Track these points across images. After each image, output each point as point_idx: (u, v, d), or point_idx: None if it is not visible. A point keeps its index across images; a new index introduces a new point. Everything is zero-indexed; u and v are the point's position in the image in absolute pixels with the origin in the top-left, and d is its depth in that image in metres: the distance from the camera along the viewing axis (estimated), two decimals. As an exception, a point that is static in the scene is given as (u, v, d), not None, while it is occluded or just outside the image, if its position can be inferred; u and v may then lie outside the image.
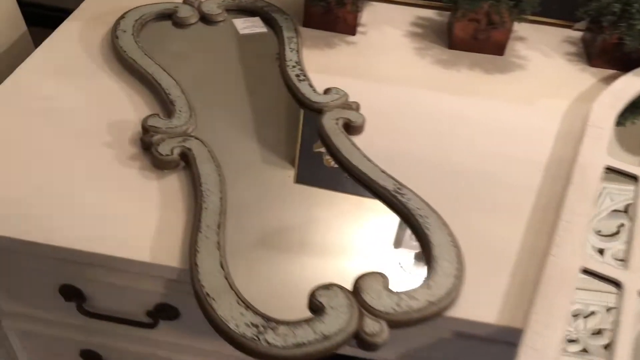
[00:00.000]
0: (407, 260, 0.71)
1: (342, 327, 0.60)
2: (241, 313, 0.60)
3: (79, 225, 0.69)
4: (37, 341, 0.87)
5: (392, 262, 0.70)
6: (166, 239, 0.69)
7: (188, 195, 0.74)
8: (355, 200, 0.78)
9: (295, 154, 0.84)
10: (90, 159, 0.78)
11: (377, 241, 0.73)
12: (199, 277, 0.63)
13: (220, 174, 0.75)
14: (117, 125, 0.84)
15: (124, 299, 0.75)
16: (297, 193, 0.78)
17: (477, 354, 0.73)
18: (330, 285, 0.64)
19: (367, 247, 0.72)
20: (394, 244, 0.74)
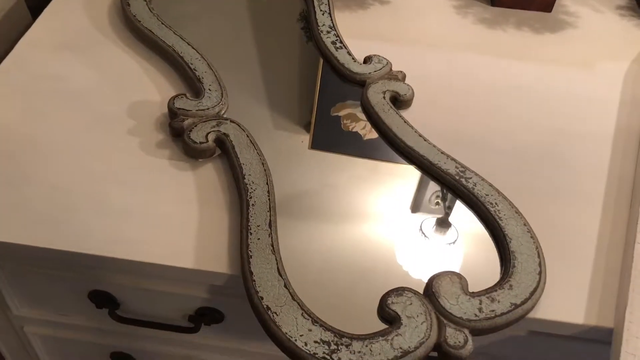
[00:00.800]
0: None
1: (422, 339, 0.53)
2: (309, 329, 0.53)
3: (108, 229, 0.61)
4: (64, 345, 0.81)
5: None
6: (209, 241, 0.61)
7: (228, 188, 0.66)
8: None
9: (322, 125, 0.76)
10: (113, 150, 0.69)
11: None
12: (256, 288, 0.55)
13: (264, 162, 0.67)
14: (139, 108, 0.74)
15: (161, 304, 0.68)
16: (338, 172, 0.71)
17: (556, 350, 0.67)
18: (403, 290, 0.57)
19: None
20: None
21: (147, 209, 0.63)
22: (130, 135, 0.71)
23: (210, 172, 0.68)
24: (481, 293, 0.58)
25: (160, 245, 0.60)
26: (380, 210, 0.67)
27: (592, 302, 0.60)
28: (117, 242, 0.60)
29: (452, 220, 0.68)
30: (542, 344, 0.66)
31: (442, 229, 0.67)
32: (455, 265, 0.63)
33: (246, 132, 0.70)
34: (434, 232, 0.66)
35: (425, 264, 0.63)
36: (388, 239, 0.65)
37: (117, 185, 0.65)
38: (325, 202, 0.67)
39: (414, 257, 0.63)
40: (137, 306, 0.69)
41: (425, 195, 0.70)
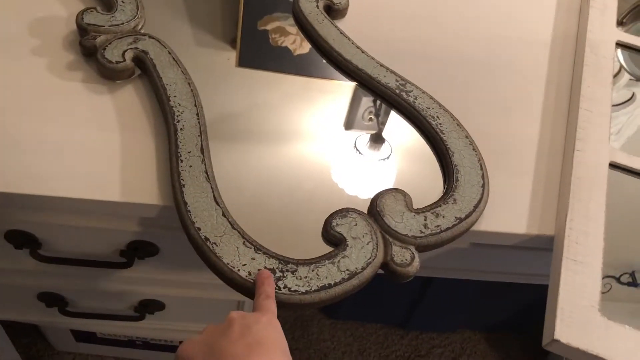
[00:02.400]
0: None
1: (369, 259, 0.52)
2: (252, 258, 0.50)
3: (19, 164, 0.54)
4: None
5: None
6: (136, 171, 0.56)
7: (153, 112, 0.60)
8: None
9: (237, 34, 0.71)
10: (18, 76, 0.61)
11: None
12: (192, 219, 0.51)
13: (190, 82, 0.61)
14: (43, 26, 0.65)
15: (89, 240, 0.63)
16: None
17: (499, 258, 0.68)
18: (347, 211, 0.54)
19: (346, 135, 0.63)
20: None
21: (62, 139, 0.57)
22: (35, 57, 0.62)
23: (131, 94, 0.61)
24: (426, 209, 0.56)
25: (81, 178, 0.54)
26: (313, 129, 0.64)
27: (534, 212, 0.60)
28: (31, 177, 0.54)
29: (385, 135, 0.65)
30: (485, 254, 0.67)
31: (376, 144, 0.65)
32: (390, 181, 0.61)
33: (167, 48, 0.63)
34: (368, 149, 0.64)
35: (361, 180, 0.61)
36: (323, 158, 0.62)
37: (26, 115, 0.58)
38: (256, 122, 0.63)
39: (349, 175, 0.61)
40: (61, 244, 0.64)
41: (358, 112, 0.67)
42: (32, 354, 1.15)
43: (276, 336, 0.43)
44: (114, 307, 0.77)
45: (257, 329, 0.42)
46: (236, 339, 0.41)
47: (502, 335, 1.33)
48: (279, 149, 0.62)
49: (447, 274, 0.74)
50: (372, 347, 1.26)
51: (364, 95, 0.67)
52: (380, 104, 0.67)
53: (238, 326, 0.42)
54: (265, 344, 0.41)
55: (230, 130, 0.62)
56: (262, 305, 0.46)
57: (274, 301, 0.47)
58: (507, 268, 0.71)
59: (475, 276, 0.74)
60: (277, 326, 0.44)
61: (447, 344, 1.29)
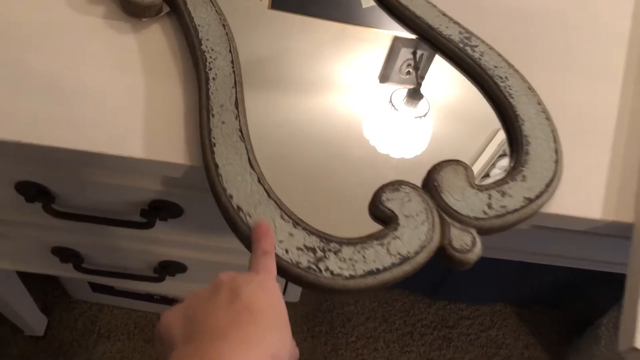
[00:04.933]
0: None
1: (423, 242, 0.45)
2: (290, 233, 0.44)
3: (28, 109, 0.48)
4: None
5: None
6: (161, 124, 0.49)
7: (182, 56, 0.53)
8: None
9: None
10: (29, 7, 0.53)
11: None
12: (224, 184, 0.45)
13: (225, 23, 0.53)
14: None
15: (106, 196, 0.57)
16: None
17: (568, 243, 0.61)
18: (400, 185, 0.47)
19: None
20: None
21: (77, 82, 0.50)
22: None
23: (157, 35, 0.54)
24: (490, 186, 0.49)
25: (97, 128, 0.48)
26: (346, 79, 0.58)
27: (611, 194, 0.52)
28: (40, 125, 0.47)
29: (424, 91, 0.58)
30: (546, 236, 0.59)
31: (413, 100, 0.58)
32: (425, 142, 0.54)
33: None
34: (405, 104, 0.58)
35: (394, 139, 0.55)
36: (355, 111, 0.56)
37: (37, 53, 0.51)
38: (286, 70, 0.57)
39: (382, 132, 0.55)
40: (76, 199, 0.58)
41: (396, 64, 0.60)
42: (48, 301, 1.12)
43: (270, 300, 0.36)
44: (131, 266, 0.72)
45: (247, 292, 0.35)
46: (222, 305, 0.34)
47: (534, 309, 1.27)
48: (307, 99, 0.56)
49: (497, 254, 0.67)
50: (397, 314, 1.21)
51: (402, 46, 0.59)
52: (420, 57, 0.59)
53: (226, 290, 0.35)
54: (255, 311, 0.34)
55: (259, 76, 0.55)
56: (258, 263, 0.39)
57: (273, 258, 0.40)
58: (569, 252, 0.64)
59: (529, 259, 0.67)
60: (274, 289, 0.37)
61: (476, 315, 1.24)
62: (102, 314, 1.13)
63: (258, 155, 0.47)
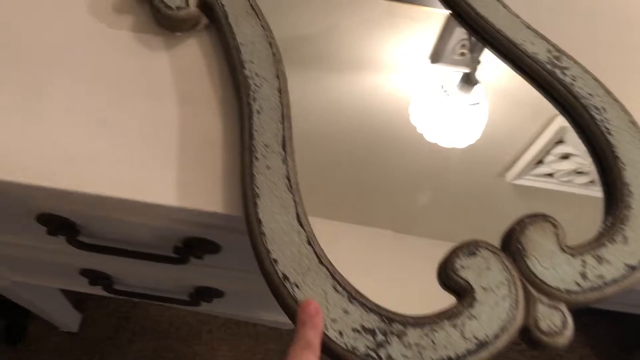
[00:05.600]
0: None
1: (504, 322, 0.37)
2: (344, 310, 0.37)
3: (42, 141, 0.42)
4: (22, 263, 0.65)
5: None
6: (197, 165, 0.42)
7: (222, 80, 0.45)
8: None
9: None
10: (48, 16, 0.47)
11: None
12: (267, 245, 0.38)
13: (271, 41, 0.45)
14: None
15: (136, 233, 0.51)
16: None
17: None
18: (476, 247, 0.40)
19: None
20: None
21: (99, 108, 0.43)
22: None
23: (194, 52, 0.47)
24: (584, 249, 0.41)
25: (123, 168, 0.41)
26: (394, 59, 0.53)
27: None
28: (59, 163, 0.41)
29: (479, 76, 0.52)
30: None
31: (466, 86, 0.53)
32: (478, 132, 0.50)
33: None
34: (458, 90, 0.53)
35: (444, 127, 0.52)
36: (403, 95, 0.52)
37: (54, 71, 0.44)
38: (330, 48, 0.54)
39: (430, 119, 0.51)
40: (103, 231, 0.52)
41: (448, 44, 0.54)
42: (81, 297, 1.09)
43: None
44: (165, 289, 0.67)
45: None
46: None
47: (591, 319, 1.18)
48: (352, 79, 0.52)
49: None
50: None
51: (457, 26, 0.52)
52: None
53: None
54: None
55: (300, 55, 0.52)
56: (297, 358, 0.33)
57: (316, 354, 0.34)
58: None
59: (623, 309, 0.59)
60: None
61: (527, 324, 1.16)
62: (136, 310, 1.09)
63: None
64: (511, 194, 0.50)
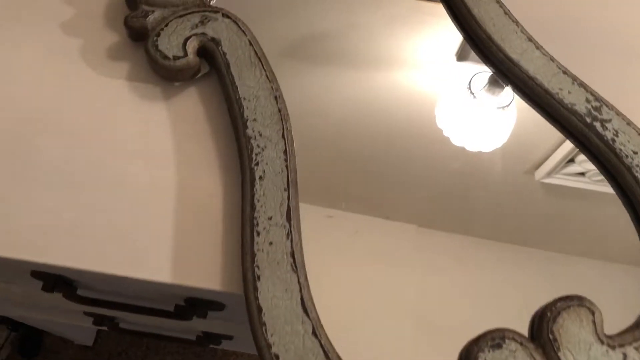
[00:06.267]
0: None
1: None
2: (353, 416, 0.33)
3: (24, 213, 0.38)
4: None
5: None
6: (194, 237, 0.38)
7: (223, 136, 0.41)
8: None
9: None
10: (30, 63, 0.43)
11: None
12: (268, 337, 0.34)
13: (277, 95, 0.41)
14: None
15: (136, 290, 0.48)
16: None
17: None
18: (501, 337, 0.35)
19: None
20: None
21: (88, 172, 0.40)
22: (60, 33, 0.44)
23: (193, 104, 0.43)
24: (625, 339, 0.36)
25: (116, 241, 0.38)
26: (419, 57, 0.51)
27: None
28: (48, 237, 0.38)
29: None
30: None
31: (495, 88, 0.49)
32: (505, 136, 0.47)
33: (248, 35, 0.43)
34: (485, 91, 0.50)
35: (471, 130, 0.49)
36: (428, 92, 0.50)
37: (39, 127, 0.41)
38: (352, 44, 0.52)
39: (456, 121, 0.49)
40: (102, 286, 0.49)
41: None
42: (97, 310, 1.07)
43: None
44: (171, 330, 0.64)
45: None
46: None
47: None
48: (372, 76, 0.50)
49: None
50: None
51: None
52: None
53: None
54: None
55: (319, 50, 0.51)
56: None
57: None
58: None
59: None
60: None
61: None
62: (151, 324, 1.08)
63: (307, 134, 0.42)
64: (540, 192, 0.47)
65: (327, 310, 0.37)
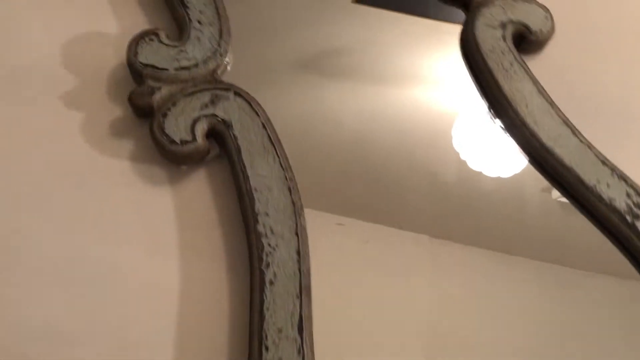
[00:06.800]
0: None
1: None
2: None
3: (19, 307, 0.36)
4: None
5: None
6: (196, 347, 0.35)
7: (233, 229, 0.38)
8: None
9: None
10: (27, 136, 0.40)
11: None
12: None
13: (291, 185, 0.38)
14: (79, 50, 0.43)
15: None
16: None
17: None
18: None
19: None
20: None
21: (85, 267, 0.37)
22: (59, 106, 0.41)
23: (201, 189, 0.40)
24: None
25: (107, 349, 0.35)
26: (436, 75, 0.51)
27: None
28: (29, 340, 0.35)
29: None
30: None
31: None
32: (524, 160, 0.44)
33: (261, 117, 0.40)
34: None
35: (489, 154, 0.47)
36: (444, 111, 0.49)
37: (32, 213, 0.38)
38: (368, 60, 0.51)
39: (475, 144, 0.47)
40: None
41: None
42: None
43: None
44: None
45: None
46: None
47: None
48: (389, 91, 0.49)
49: None
50: None
51: None
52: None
53: None
54: None
55: (338, 64, 0.50)
56: None
57: None
58: None
59: None
60: None
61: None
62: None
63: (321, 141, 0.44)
64: (556, 211, 0.45)
65: (334, 321, 0.37)
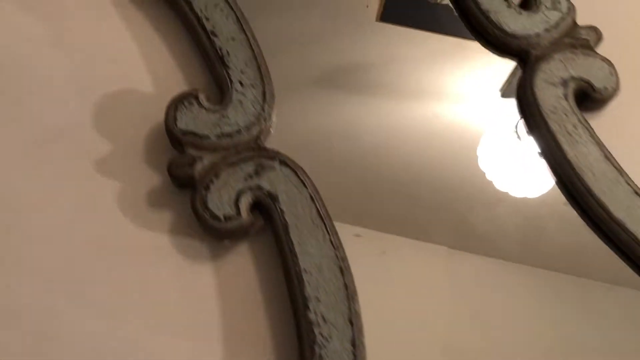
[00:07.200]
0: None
1: None
2: None
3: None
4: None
5: None
6: None
7: (280, 315, 0.36)
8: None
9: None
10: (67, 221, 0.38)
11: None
12: None
13: (344, 266, 0.35)
14: (115, 111, 0.41)
15: None
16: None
17: None
18: None
19: None
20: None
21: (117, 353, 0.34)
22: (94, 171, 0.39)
23: (246, 267, 0.37)
24: None
25: None
26: (461, 91, 0.50)
27: None
28: None
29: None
30: None
31: None
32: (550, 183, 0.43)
33: (309, 189, 0.37)
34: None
35: (515, 174, 0.47)
36: (468, 127, 0.49)
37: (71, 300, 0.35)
38: (391, 76, 0.51)
39: (500, 164, 0.46)
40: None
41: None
42: None
43: None
44: None
45: None
46: None
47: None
48: (410, 106, 0.50)
49: None
50: None
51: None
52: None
53: None
54: None
55: (360, 79, 0.50)
56: None
57: None
58: None
59: None
60: None
61: None
62: None
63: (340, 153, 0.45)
64: (577, 223, 0.42)
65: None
